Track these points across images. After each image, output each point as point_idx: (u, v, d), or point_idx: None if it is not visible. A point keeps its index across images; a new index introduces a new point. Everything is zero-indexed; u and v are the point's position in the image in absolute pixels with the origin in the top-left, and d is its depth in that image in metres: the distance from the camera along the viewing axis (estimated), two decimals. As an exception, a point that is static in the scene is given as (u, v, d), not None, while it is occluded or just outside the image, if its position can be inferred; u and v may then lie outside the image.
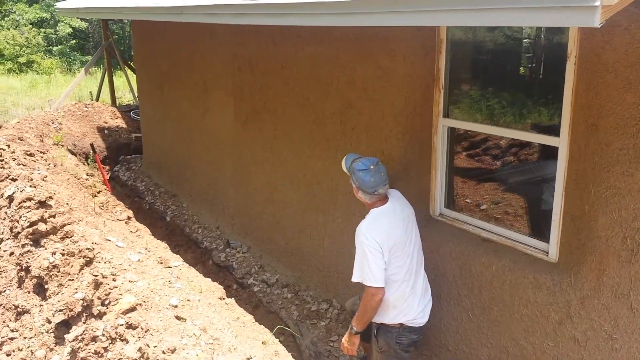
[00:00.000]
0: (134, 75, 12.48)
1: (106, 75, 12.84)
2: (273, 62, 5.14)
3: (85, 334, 2.78)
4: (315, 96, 4.64)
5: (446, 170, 3.89)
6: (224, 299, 4.36)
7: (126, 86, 14.02)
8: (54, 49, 24.24)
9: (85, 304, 3.05)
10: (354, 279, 3.23)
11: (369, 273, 3.13)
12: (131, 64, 13.21)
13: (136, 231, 5.57)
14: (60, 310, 3.05)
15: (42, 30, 24.53)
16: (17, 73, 21.28)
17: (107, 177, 8.61)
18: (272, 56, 5.13)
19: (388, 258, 3.18)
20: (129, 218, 5.94)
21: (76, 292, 3.12)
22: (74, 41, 25.26)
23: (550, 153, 3.47)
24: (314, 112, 4.70)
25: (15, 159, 5.83)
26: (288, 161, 5.19)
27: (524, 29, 3.51)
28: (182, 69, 7.20)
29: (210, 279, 4.62)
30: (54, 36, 24.65)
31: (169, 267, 4.64)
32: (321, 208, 4.83)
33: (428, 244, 3.77)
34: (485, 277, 3.48)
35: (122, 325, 3.00)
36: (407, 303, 3.31)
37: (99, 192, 6.78)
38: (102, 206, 6.11)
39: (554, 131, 3.12)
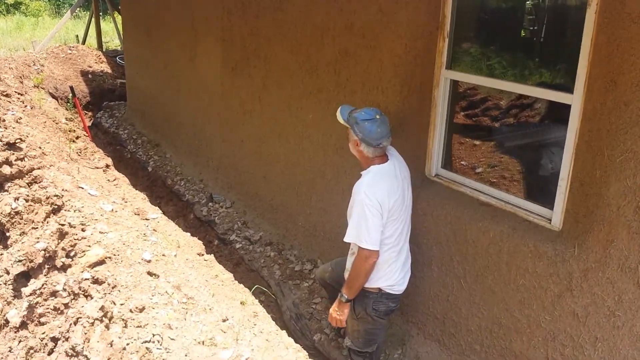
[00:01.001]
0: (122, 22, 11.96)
1: (93, 19, 12.27)
2: (266, 4, 4.77)
3: (44, 288, 2.53)
4: (310, 42, 4.31)
5: (445, 128, 3.61)
6: (202, 255, 4.12)
7: (114, 31, 13.46)
8: (43, -10, 23.28)
9: (47, 255, 2.79)
10: (348, 239, 2.99)
11: (366, 234, 2.89)
12: (120, 8, 12.65)
13: (114, 180, 5.28)
14: (20, 261, 2.78)
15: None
16: (3, 15, 20.44)
17: (89, 123, 8.26)
18: (265, -3, 4.76)
19: (385, 220, 2.94)
20: (107, 166, 5.64)
21: (38, 242, 2.85)
22: (64, -17, 24.26)
23: (557, 113, 3.22)
24: (307, 60, 4.37)
25: (-13, 99, 5.47)
26: (278, 112, 4.88)
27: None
28: (169, 10, 6.78)
29: (189, 234, 4.36)
30: (43, -23, 23.63)
31: (146, 219, 4.37)
32: (310, 163, 4.56)
33: (422, 205, 3.53)
34: (481, 244, 3.25)
35: (87, 279, 2.75)
36: (390, 268, 3.10)
37: (77, 138, 6.44)
38: (80, 153, 5.80)
39: (567, 88, 2.84)
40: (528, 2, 3.40)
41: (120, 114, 8.89)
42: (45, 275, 2.69)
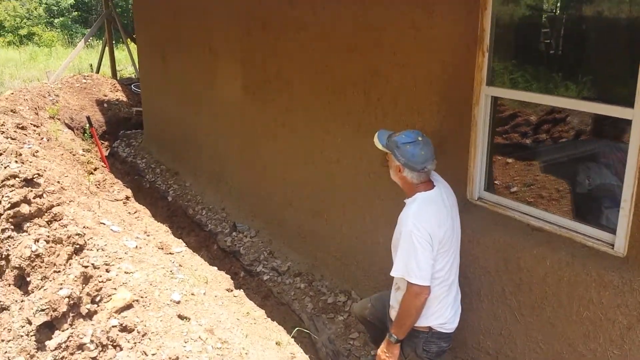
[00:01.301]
0: (136, 48, 11.94)
1: (107, 47, 12.26)
2: (288, 23, 4.60)
3: (70, 341, 2.32)
4: (336, 62, 4.11)
5: (488, 148, 3.38)
6: (232, 290, 3.90)
7: (128, 59, 13.45)
8: (56, 21, 23.51)
9: (71, 302, 2.58)
10: (395, 273, 2.75)
11: (416, 268, 2.65)
12: (134, 36, 12.65)
13: (135, 212, 5.10)
14: (42, 310, 2.57)
15: (44, 1, 23.80)
16: (17, 46, 20.64)
17: (105, 153, 8.12)
18: (287, 17, 4.58)
19: (435, 253, 2.70)
20: (127, 198, 5.46)
21: (61, 288, 2.64)
22: (77, 13, 24.52)
23: (600, 127, 2.99)
24: (333, 81, 4.18)
25: (3, 132, 5.33)
26: (303, 137, 4.68)
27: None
28: (185, 34, 6.66)
29: (216, 268, 4.16)
30: (56, 8, 23.92)
31: (170, 253, 4.18)
32: (340, 189, 4.34)
33: (466, 232, 3.27)
34: (537, 273, 2.99)
35: (115, 327, 2.54)
36: (441, 304, 2.85)
37: (95, 170, 6.30)
38: (99, 185, 5.63)
39: (627, 102, 2.61)
40: (575, 12, 3.19)
41: (137, 143, 8.77)
42: (70, 324, 2.48)
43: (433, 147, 2.88)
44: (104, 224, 3.86)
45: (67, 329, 2.38)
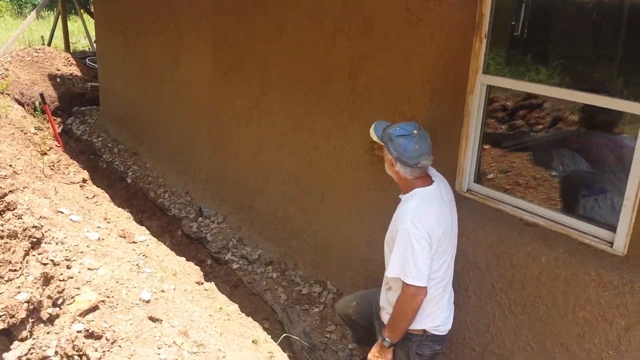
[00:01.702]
0: (91, 20, 11.30)
1: (60, 19, 11.54)
2: (266, 1, 4.31)
3: (31, 353, 2.02)
4: (318, 44, 3.87)
5: (480, 139, 3.23)
6: (202, 283, 3.65)
7: (82, 31, 12.76)
8: (4, -11, 22.15)
9: (31, 307, 2.28)
10: (390, 273, 2.57)
11: (413, 268, 2.48)
12: (89, 7, 11.97)
13: (93, 197, 4.74)
14: None
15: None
16: (-39, 15, 19.34)
17: (58, 130, 7.62)
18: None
19: (433, 252, 2.53)
20: (84, 181, 5.08)
21: (19, 292, 2.33)
22: (25, -19, 23.15)
23: (610, 119, 2.87)
24: (315, 65, 3.93)
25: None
26: (279, 121, 4.42)
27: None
28: (149, 7, 6.25)
29: (184, 258, 3.88)
30: (3, -25, 22.51)
31: (133, 242, 3.88)
32: (318, 177, 4.12)
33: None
34: (531, 270, 2.87)
35: (80, 332, 2.27)
36: (437, 306, 2.71)
37: (49, 149, 5.85)
38: (53, 166, 5.21)
39: (635, 95, 2.48)
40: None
41: (92, 120, 8.27)
42: (29, 331, 2.18)
43: (430, 141, 2.70)
44: (62, 212, 3.52)
45: (27, 337, 2.09)
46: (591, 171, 3.21)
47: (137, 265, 3.20)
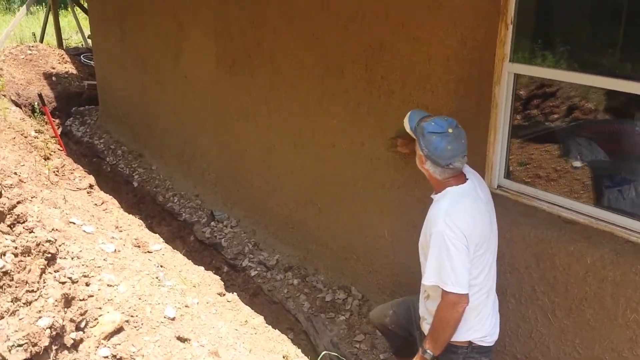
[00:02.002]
0: (84, 15, 11.03)
1: (51, 14, 11.26)
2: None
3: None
4: (331, 34, 3.66)
5: (508, 131, 3.05)
6: (224, 295, 3.49)
7: (73, 26, 12.47)
8: (-10, -15, 21.73)
9: (54, 332, 2.12)
10: (427, 281, 2.40)
11: (451, 274, 2.31)
12: (81, 1, 11.67)
13: (102, 204, 4.56)
14: (20, 346, 2.09)
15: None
16: (-53, 12, 18.95)
17: (59, 132, 7.41)
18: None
19: (472, 255, 2.36)
20: (91, 186, 4.89)
21: (40, 317, 2.17)
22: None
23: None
24: (328, 56, 3.73)
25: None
26: (291, 117, 4.23)
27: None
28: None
29: (202, 267, 3.72)
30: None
31: (148, 251, 3.72)
32: (336, 176, 3.94)
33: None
34: (575, 271, 2.71)
35: (107, 358, 2.12)
36: (481, 315, 2.53)
37: (52, 154, 5.65)
38: (58, 171, 5.03)
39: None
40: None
41: (92, 121, 8.06)
42: (53, 359, 2.03)
43: (466, 141, 2.51)
44: (74, 223, 3.35)
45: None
46: (610, 161, 3.06)
47: (157, 278, 3.05)
